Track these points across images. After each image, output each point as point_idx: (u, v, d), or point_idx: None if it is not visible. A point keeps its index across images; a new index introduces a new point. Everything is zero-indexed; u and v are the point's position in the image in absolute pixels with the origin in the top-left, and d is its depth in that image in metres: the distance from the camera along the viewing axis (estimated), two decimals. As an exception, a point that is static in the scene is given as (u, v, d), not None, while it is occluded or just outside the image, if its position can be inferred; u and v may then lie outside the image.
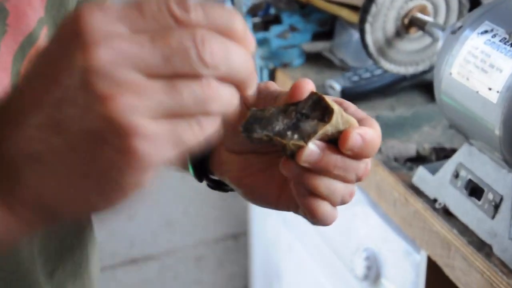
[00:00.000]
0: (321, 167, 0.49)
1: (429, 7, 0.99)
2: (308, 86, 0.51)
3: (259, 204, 0.59)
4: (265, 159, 0.56)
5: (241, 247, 1.81)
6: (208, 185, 0.64)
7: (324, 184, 0.49)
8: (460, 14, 1.01)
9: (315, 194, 0.50)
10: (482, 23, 0.80)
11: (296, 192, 0.51)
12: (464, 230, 0.84)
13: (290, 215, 1.50)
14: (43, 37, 0.57)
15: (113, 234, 1.68)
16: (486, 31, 0.79)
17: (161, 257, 1.76)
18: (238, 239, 1.81)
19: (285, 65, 1.24)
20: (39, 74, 0.40)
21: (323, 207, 0.51)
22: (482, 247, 0.82)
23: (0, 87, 0.54)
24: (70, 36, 0.39)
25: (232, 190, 0.61)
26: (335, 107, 0.48)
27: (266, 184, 0.56)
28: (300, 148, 0.48)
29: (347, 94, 1.12)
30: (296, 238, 1.38)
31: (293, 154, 0.48)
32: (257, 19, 1.21)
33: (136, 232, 1.71)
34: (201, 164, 0.62)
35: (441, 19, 1.00)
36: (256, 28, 1.20)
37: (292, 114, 0.49)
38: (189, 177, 0.72)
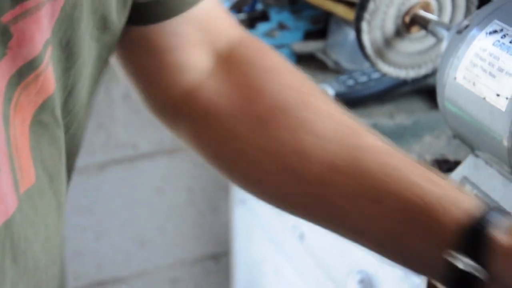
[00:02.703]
0: None
1: (433, 4, 0.99)
2: None
3: None
4: None
5: (222, 269, 1.82)
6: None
7: None
8: (468, 12, 1.01)
9: None
10: (491, 22, 0.80)
11: None
12: None
13: (277, 233, 1.51)
14: (47, 59, 0.58)
15: (79, 254, 1.69)
16: (495, 31, 0.79)
17: (133, 279, 1.77)
18: (219, 260, 1.82)
19: (273, 66, 1.25)
20: None
21: None
22: None
23: None
24: None
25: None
26: None
27: None
28: None
29: (341, 100, 1.12)
30: (284, 259, 1.39)
31: None
32: (242, 16, 1.22)
33: (105, 252, 1.72)
34: None
35: (446, 18, 1.00)
36: (243, 25, 1.20)
37: None
38: (165, 192, 0.74)
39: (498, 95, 0.76)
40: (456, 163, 0.93)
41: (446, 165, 0.98)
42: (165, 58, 0.72)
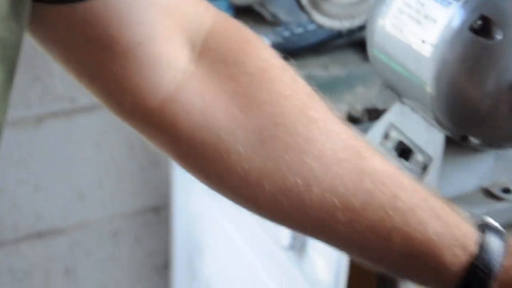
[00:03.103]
0: None
1: (366, -44, 1.02)
2: None
3: None
4: None
5: (162, 221, 1.81)
6: None
7: None
8: None
9: None
10: None
11: None
12: None
13: None
14: None
15: (16, 206, 1.67)
16: None
17: (72, 231, 1.75)
18: (159, 212, 1.81)
19: (212, 19, 1.25)
20: None
21: None
22: None
23: None
24: None
25: None
26: None
27: None
28: None
29: (279, 50, 1.13)
30: (221, 211, 1.40)
31: None
32: None
33: (43, 204, 1.70)
34: None
35: None
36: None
37: None
38: (104, 145, 0.69)
39: (423, 41, 0.79)
40: (385, 112, 0.94)
41: (375, 114, 0.99)
42: (130, 54, 0.58)
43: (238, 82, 0.61)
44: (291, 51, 1.12)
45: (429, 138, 0.84)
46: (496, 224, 0.62)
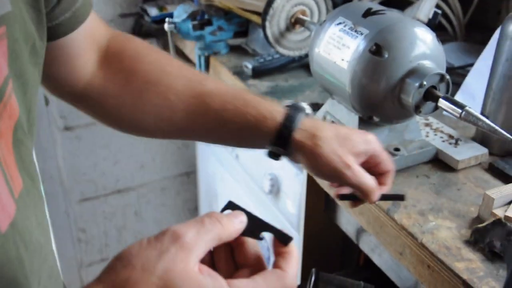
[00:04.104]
0: None
1: (307, 11, 1.01)
2: None
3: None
4: None
5: (192, 181, 1.82)
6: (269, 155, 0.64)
7: None
8: (327, 14, 1.03)
9: None
10: (337, 17, 0.82)
11: None
12: None
13: (222, 156, 1.49)
14: (10, 90, 0.48)
15: (104, 174, 1.68)
16: (340, 23, 0.81)
17: (138, 188, 1.76)
18: (189, 175, 1.82)
19: (215, 53, 1.24)
20: None
21: None
22: None
23: None
24: None
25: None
26: None
27: None
28: None
29: (256, 71, 1.13)
30: (227, 171, 1.40)
31: None
32: (195, 22, 1.20)
33: (120, 172, 1.71)
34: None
35: (315, 18, 1.02)
36: (195, 28, 1.20)
37: None
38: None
39: (342, 59, 0.79)
40: (323, 105, 0.95)
41: (317, 106, 0.98)
42: (70, 62, 0.63)
43: (121, 63, 0.65)
44: (265, 71, 1.15)
45: (349, 119, 0.84)
46: (302, 104, 0.63)
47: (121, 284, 0.40)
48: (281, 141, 0.61)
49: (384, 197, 0.63)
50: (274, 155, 0.62)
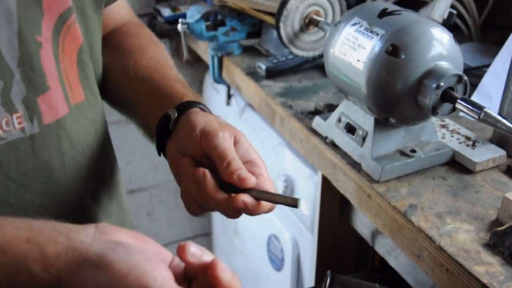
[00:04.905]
0: None
1: (321, 11, 1.01)
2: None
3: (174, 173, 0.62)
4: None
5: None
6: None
7: None
8: (341, 14, 1.02)
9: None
10: (353, 18, 0.82)
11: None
12: (344, 155, 0.86)
13: None
14: (73, 19, 0.58)
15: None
16: (355, 23, 0.81)
17: (150, 189, 1.76)
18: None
19: (228, 54, 1.24)
20: None
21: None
22: (355, 165, 0.84)
23: (46, 53, 0.55)
24: None
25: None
26: None
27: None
28: None
29: (270, 72, 1.13)
30: None
31: None
32: (209, 23, 1.19)
33: (132, 173, 1.71)
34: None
35: (329, 19, 1.02)
36: (208, 28, 1.19)
37: None
38: None
39: (358, 60, 0.78)
40: (337, 106, 0.93)
41: (331, 107, 0.98)
42: (105, 23, 0.71)
43: (118, 38, 0.73)
44: (278, 72, 1.14)
45: (365, 120, 0.83)
46: (200, 102, 0.63)
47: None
48: (180, 108, 0.61)
49: (274, 200, 0.55)
50: (165, 118, 0.62)
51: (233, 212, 0.54)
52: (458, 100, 0.71)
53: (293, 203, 0.53)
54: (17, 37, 0.52)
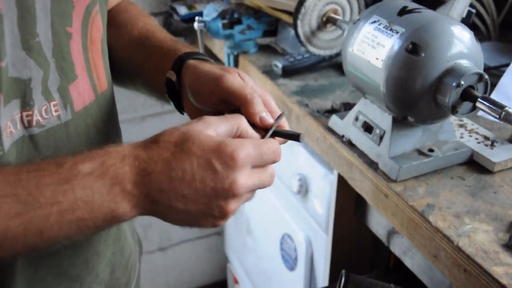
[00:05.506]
0: None
1: (339, 9, 1.00)
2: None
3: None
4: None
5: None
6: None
7: None
8: (359, 12, 1.02)
9: None
10: (372, 16, 0.81)
11: None
12: (361, 154, 0.86)
13: None
14: (97, 9, 0.61)
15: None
16: (374, 21, 0.81)
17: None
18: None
19: (244, 52, 1.24)
20: (196, 173, 0.48)
21: None
22: (372, 164, 0.83)
23: (75, 43, 0.58)
24: (227, 165, 0.48)
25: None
26: None
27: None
28: None
29: (286, 70, 1.13)
30: None
31: None
32: (225, 21, 1.20)
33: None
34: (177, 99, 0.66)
35: (347, 17, 1.01)
36: (224, 27, 1.20)
37: None
38: None
39: (377, 58, 0.78)
40: (354, 104, 0.93)
41: (348, 106, 0.98)
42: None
43: (117, 16, 0.74)
44: (294, 70, 1.14)
45: (382, 119, 0.83)
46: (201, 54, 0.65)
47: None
48: (175, 66, 0.64)
49: (280, 134, 0.58)
50: (169, 82, 0.64)
51: None
52: (479, 99, 0.71)
53: (297, 137, 0.58)
54: (50, 29, 0.55)
